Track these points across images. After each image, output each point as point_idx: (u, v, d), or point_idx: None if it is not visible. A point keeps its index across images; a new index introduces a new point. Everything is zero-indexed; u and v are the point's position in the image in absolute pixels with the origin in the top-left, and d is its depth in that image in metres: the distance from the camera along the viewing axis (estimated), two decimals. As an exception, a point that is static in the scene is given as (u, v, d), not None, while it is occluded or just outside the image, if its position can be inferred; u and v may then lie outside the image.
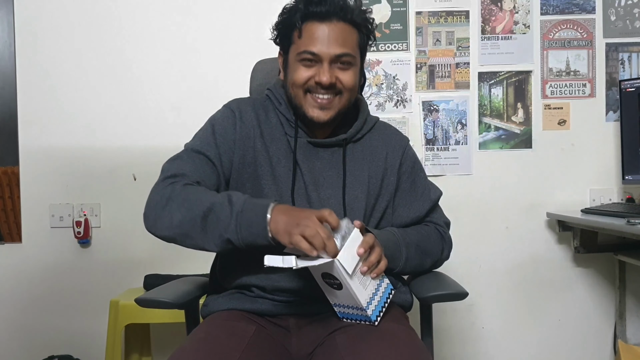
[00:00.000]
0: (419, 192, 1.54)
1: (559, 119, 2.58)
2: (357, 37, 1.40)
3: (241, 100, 1.52)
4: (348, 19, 1.38)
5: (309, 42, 1.37)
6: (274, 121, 1.47)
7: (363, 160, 1.48)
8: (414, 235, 1.47)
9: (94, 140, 2.53)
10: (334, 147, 1.47)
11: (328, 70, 1.37)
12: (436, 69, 2.57)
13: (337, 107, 1.41)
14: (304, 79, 1.39)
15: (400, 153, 1.53)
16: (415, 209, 1.53)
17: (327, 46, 1.36)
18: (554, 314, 2.61)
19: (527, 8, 2.56)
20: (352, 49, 1.39)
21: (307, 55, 1.37)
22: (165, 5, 2.54)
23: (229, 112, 1.47)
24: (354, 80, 1.41)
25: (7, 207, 2.57)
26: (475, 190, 2.58)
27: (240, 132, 1.43)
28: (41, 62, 2.53)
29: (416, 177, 1.55)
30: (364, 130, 1.51)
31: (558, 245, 2.60)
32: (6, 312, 2.55)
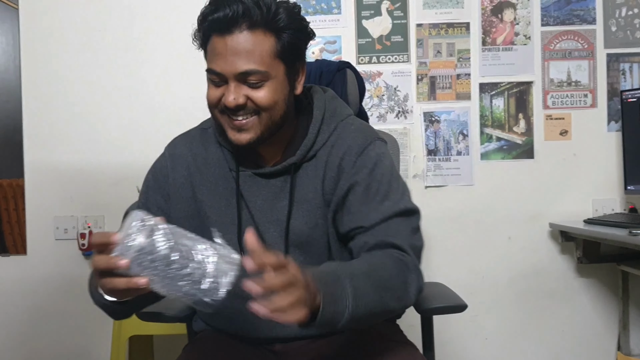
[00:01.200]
0: (370, 197, 1.22)
1: (561, 130, 2.59)
2: (272, 46, 1.16)
3: (178, 141, 1.38)
4: (256, 24, 1.15)
5: (212, 60, 1.19)
6: (216, 157, 1.31)
7: (317, 178, 1.26)
8: (360, 264, 1.13)
9: (98, 152, 2.55)
10: (285, 175, 1.27)
11: (234, 90, 1.16)
12: (437, 80, 2.58)
13: (257, 127, 1.19)
14: (214, 100, 1.20)
15: (355, 153, 1.25)
16: (358, 217, 1.21)
17: (229, 63, 1.15)
18: (557, 325, 2.60)
19: (527, 19, 2.58)
20: (262, 63, 1.15)
21: (212, 75, 1.19)
22: (170, 20, 2.57)
23: (163, 160, 1.36)
24: (269, 97, 1.17)
25: (12, 220, 2.59)
26: (477, 201, 2.58)
27: (174, 184, 1.32)
28: (46, 75, 2.56)
29: (372, 181, 1.23)
30: (317, 146, 1.27)
31: (561, 256, 2.60)
32: (11, 323, 2.56)
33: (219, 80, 1.18)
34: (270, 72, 1.17)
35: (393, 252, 1.16)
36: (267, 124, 1.20)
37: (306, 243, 1.26)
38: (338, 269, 1.06)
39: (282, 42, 1.18)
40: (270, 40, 1.17)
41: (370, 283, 1.06)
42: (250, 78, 1.16)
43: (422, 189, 2.56)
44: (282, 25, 1.17)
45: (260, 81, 1.17)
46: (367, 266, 1.10)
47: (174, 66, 2.57)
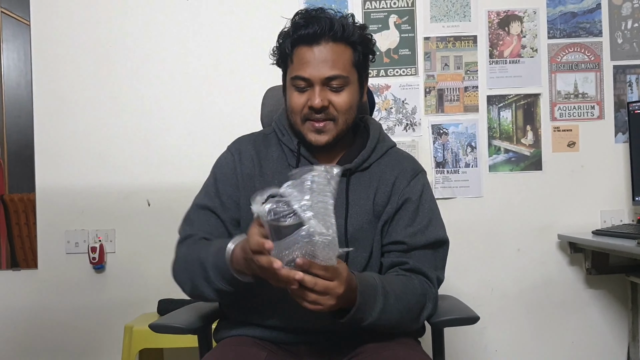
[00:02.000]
0: (417, 221, 1.41)
1: (569, 141, 2.60)
2: (350, 56, 1.37)
3: (242, 140, 1.53)
4: (339, 38, 1.35)
5: (299, 67, 1.35)
6: (276, 154, 1.47)
7: (369, 188, 1.43)
8: (397, 284, 1.32)
9: (109, 167, 2.57)
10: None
11: (319, 93, 1.34)
12: (445, 93, 2.60)
13: (333, 131, 1.38)
14: (299, 106, 1.38)
15: (409, 176, 1.45)
16: (404, 234, 1.40)
17: (317, 69, 1.34)
18: (567, 336, 2.60)
19: (534, 32, 2.60)
20: (344, 69, 1.36)
21: (298, 81, 1.36)
22: (178, 37, 2.60)
23: (229, 155, 1.49)
24: (348, 101, 1.37)
25: (23, 234, 2.61)
26: (486, 213, 2.59)
27: (242, 174, 1.45)
28: (57, 90, 2.59)
29: (421, 206, 1.43)
30: (372, 159, 1.46)
31: (570, 267, 2.60)
32: (22, 337, 2.57)
33: (305, 85, 1.36)
34: (350, 78, 1.37)
35: (423, 280, 1.37)
36: (341, 128, 1.39)
37: (350, 240, 1.39)
38: (379, 284, 1.26)
39: (357, 53, 1.38)
40: (349, 52, 1.37)
41: (397, 305, 1.28)
42: (334, 82, 1.35)
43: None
44: (357, 40, 1.38)
45: (341, 86, 1.36)
46: (401, 288, 1.31)
47: (184, 83, 2.59)
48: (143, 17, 2.60)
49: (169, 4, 2.60)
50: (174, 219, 1.56)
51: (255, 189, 1.39)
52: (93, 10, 2.59)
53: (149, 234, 2.56)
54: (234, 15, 2.60)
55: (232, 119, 2.54)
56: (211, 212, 1.44)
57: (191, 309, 1.58)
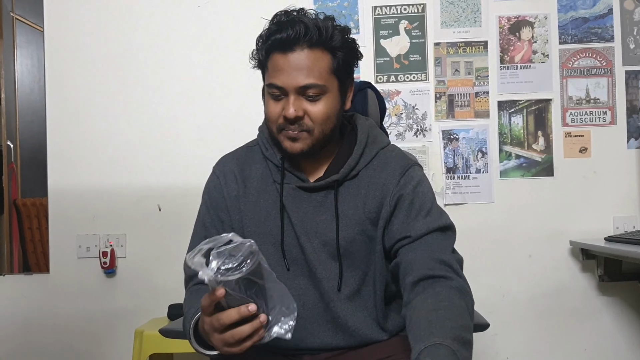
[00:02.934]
0: (414, 211, 1.32)
1: (580, 147, 2.58)
2: (329, 62, 1.28)
3: (226, 159, 1.45)
4: (315, 43, 1.25)
5: (273, 75, 1.28)
6: (261, 171, 1.40)
7: (358, 197, 1.35)
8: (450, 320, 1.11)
9: (120, 172, 2.59)
10: (327, 189, 1.35)
11: (293, 102, 1.26)
12: (455, 99, 2.59)
13: (307, 140, 1.30)
14: (275, 115, 1.30)
15: (398, 174, 1.35)
16: (404, 228, 1.31)
17: (291, 78, 1.26)
18: (579, 344, 2.58)
19: (545, 38, 2.59)
20: (321, 78, 1.26)
21: (273, 90, 1.28)
22: (190, 42, 2.62)
23: (215, 179, 1.42)
24: (325, 111, 1.28)
25: (35, 238, 2.63)
26: (497, 219, 2.57)
27: (229, 196, 1.39)
28: (70, 96, 2.61)
29: (416, 196, 1.34)
30: (360, 166, 1.37)
31: (582, 274, 2.58)
32: (34, 341, 2.59)
33: (280, 94, 1.28)
34: (327, 86, 1.28)
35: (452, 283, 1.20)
36: (317, 137, 1.30)
37: (343, 255, 1.33)
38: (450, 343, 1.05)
39: (337, 60, 1.29)
40: (327, 58, 1.28)
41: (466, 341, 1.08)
42: (310, 91, 1.27)
43: (441, 207, 2.55)
44: (337, 45, 1.28)
45: (318, 95, 1.27)
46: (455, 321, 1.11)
47: (196, 88, 2.61)
48: (155, 23, 2.62)
49: (180, 10, 2.62)
50: (184, 224, 1.57)
51: (240, 210, 1.37)
52: (105, 17, 2.62)
53: (159, 239, 2.57)
54: (244, 20, 2.61)
55: (242, 123, 2.55)
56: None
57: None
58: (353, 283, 1.34)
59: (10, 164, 2.71)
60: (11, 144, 2.72)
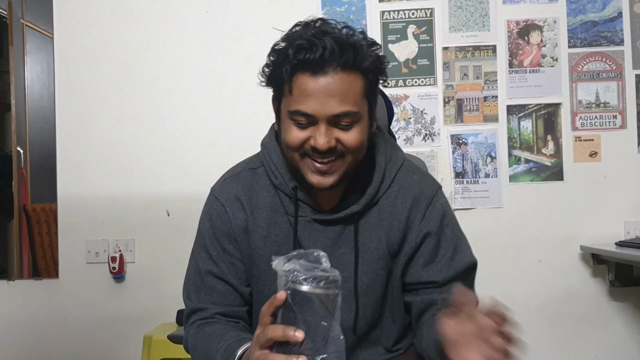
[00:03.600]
0: (440, 255, 1.23)
1: (590, 151, 2.57)
2: (361, 86, 1.12)
3: (229, 185, 1.28)
4: (350, 66, 1.10)
5: (300, 100, 1.10)
6: (269, 200, 1.25)
7: (380, 228, 1.23)
8: None
9: (129, 177, 2.60)
10: (344, 223, 1.23)
11: (325, 132, 1.11)
12: (464, 103, 2.58)
13: (340, 169, 1.15)
14: (297, 142, 1.13)
15: (424, 206, 1.24)
16: (431, 272, 1.22)
17: (323, 105, 1.09)
18: (591, 350, 2.55)
19: (554, 41, 2.58)
20: (355, 104, 1.11)
21: (299, 117, 1.12)
22: (198, 49, 2.62)
23: (220, 207, 1.26)
24: (359, 139, 1.14)
25: (45, 243, 2.64)
26: (506, 224, 2.56)
27: (236, 226, 1.25)
28: (79, 102, 2.62)
29: (442, 237, 1.24)
30: (381, 193, 1.24)
31: (593, 279, 2.56)
32: (43, 346, 2.60)
33: (307, 122, 1.12)
34: (361, 113, 1.14)
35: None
36: (349, 166, 1.17)
37: (364, 293, 1.23)
38: None
39: (368, 81, 1.14)
40: (360, 81, 1.12)
41: None
42: (343, 120, 1.12)
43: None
44: (371, 67, 1.13)
45: (351, 123, 1.13)
46: None
47: (205, 94, 2.62)
48: (163, 29, 2.63)
49: (189, 17, 2.63)
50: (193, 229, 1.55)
51: (249, 244, 1.25)
52: (115, 24, 2.63)
53: (168, 244, 2.57)
54: (251, 27, 2.61)
55: (251, 129, 2.54)
56: (217, 278, 1.25)
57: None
58: (369, 322, 1.26)
59: (20, 170, 2.72)
60: (21, 150, 2.73)
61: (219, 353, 1.11)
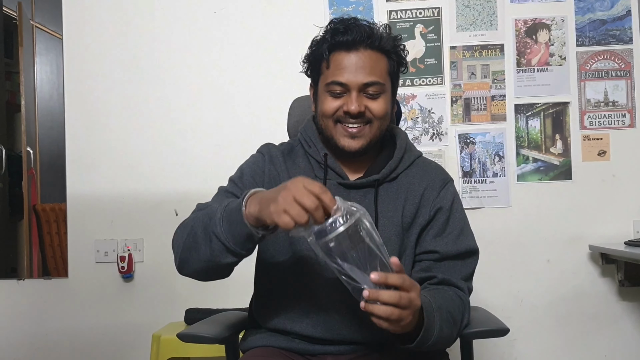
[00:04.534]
0: (447, 230, 1.40)
1: (599, 150, 2.56)
2: (386, 64, 1.36)
3: (271, 145, 1.50)
4: (376, 46, 1.34)
5: (336, 72, 1.34)
6: (303, 165, 1.44)
7: (397, 200, 1.40)
8: (441, 297, 1.29)
9: (138, 177, 2.61)
10: (367, 188, 1.40)
11: (356, 99, 1.33)
12: (472, 102, 2.58)
13: (368, 135, 1.37)
14: (332, 109, 1.36)
15: (438, 187, 1.43)
16: (437, 244, 1.38)
17: (355, 75, 1.33)
18: (600, 350, 2.54)
19: (562, 40, 2.57)
20: (381, 77, 1.35)
21: (334, 87, 1.35)
22: (206, 49, 2.63)
23: (259, 155, 1.47)
24: (384, 108, 1.37)
25: (54, 243, 2.66)
26: (514, 223, 2.55)
27: (269, 175, 1.42)
28: (88, 103, 2.64)
29: (452, 216, 1.41)
30: (400, 169, 1.43)
31: (602, 279, 2.54)
32: (52, 345, 2.61)
33: (341, 91, 1.35)
34: (386, 86, 1.37)
35: (459, 292, 1.36)
36: (375, 134, 1.38)
37: None
38: (431, 300, 1.21)
39: (391, 63, 1.38)
40: (384, 60, 1.37)
41: (450, 321, 1.25)
42: (371, 89, 1.35)
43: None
44: (392, 50, 1.38)
45: (378, 93, 1.35)
46: (449, 304, 1.28)
47: (212, 95, 2.62)
48: (172, 30, 2.64)
49: (197, 17, 2.64)
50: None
51: None
52: (123, 25, 2.64)
53: (176, 244, 2.58)
54: (260, 27, 2.62)
55: (258, 130, 2.56)
56: (234, 195, 1.36)
57: (218, 319, 1.59)
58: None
59: (29, 170, 2.75)
60: (31, 150, 2.76)
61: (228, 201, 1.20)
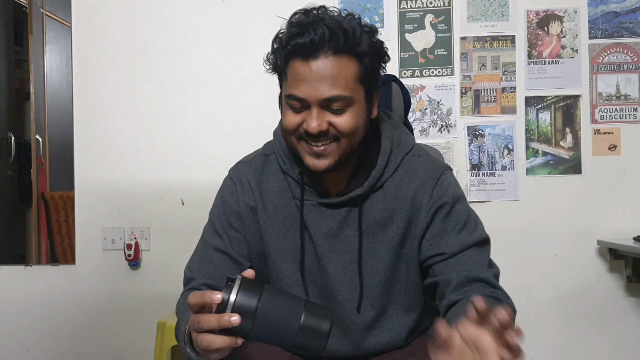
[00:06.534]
0: (449, 226, 1.25)
1: (610, 144, 2.53)
2: (355, 70, 1.16)
3: (242, 167, 1.35)
4: (341, 49, 1.13)
5: (293, 85, 1.15)
6: (278, 184, 1.30)
7: (385, 211, 1.26)
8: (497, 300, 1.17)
9: (145, 166, 2.61)
10: (349, 206, 1.26)
11: (317, 116, 1.15)
12: (481, 94, 2.55)
13: (335, 153, 1.18)
14: (293, 126, 1.18)
15: (430, 186, 1.26)
16: (439, 245, 1.24)
17: (314, 89, 1.13)
18: (606, 346, 2.52)
19: (574, 32, 2.53)
20: (347, 88, 1.14)
21: (293, 102, 1.16)
22: (215, 39, 2.62)
23: (232, 185, 1.33)
24: (351, 123, 1.16)
25: (62, 230, 2.67)
26: (522, 217, 2.53)
27: (244, 205, 1.31)
28: (96, 91, 2.64)
29: (451, 210, 1.26)
30: (386, 177, 1.27)
31: (609, 274, 2.52)
32: (59, 331, 2.64)
33: (300, 106, 1.17)
34: (354, 97, 1.17)
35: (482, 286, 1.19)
36: (345, 150, 1.19)
37: (368, 275, 1.27)
38: None
39: (364, 66, 1.17)
40: (353, 65, 1.16)
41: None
42: (334, 104, 1.15)
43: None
44: (365, 51, 1.16)
45: (343, 107, 1.16)
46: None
47: (220, 84, 2.62)
48: (180, 19, 2.63)
49: (205, 6, 2.63)
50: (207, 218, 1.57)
51: (257, 223, 1.30)
52: (131, 13, 2.64)
53: (182, 233, 2.58)
54: (269, 16, 2.60)
55: (266, 119, 2.53)
56: (218, 251, 1.30)
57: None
58: (375, 305, 1.28)
59: (38, 158, 2.76)
60: (40, 138, 2.77)
61: (183, 322, 1.13)
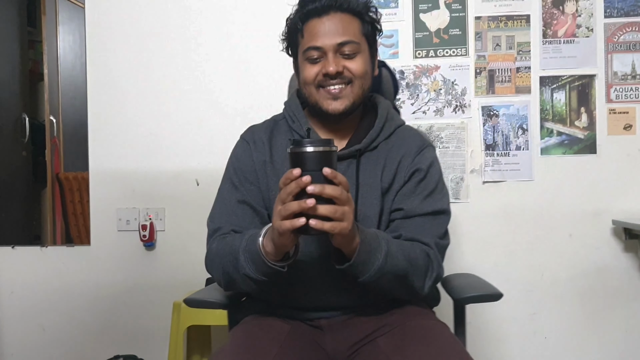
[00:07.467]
0: (417, 191, 1.44)
1: (625, 124, 2.51)
2: (359, 25, 1.43)
3: (255, 128, 1.56)
4: (346, 9, 1.41)
5: (310, 39, 1.41)
6: (285, 141, 1.49)
7: (376, 167, 1.46)
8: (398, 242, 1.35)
9: (159, 147, 2.62)
10: (350, 159, 1.46)
11: (333, 60, 1.39)
12: (496, 74, 2.54)
13: (350, 95, 1.42)
14: (312, 75, 1.42)
15: (414, 153, 1.47)
16: (404, 202, 1.43)
17: (329, 37, 1.39)
18: (620, 325, 2.53)
19: (590, 11, 2.51)
20: (355, 36, 1.41)
21: (311, 52, 1.41)
22: (233, 20, 2.62)
23: (245, 144, 1.53)
24: (362, 67, 1.42)
25: (77, 211, 2.69)
26: (537, 197, 2.53)
27: (257, 161, 1.48)
28: (110, 72, 2.64)
29: (425, 178, 1.46)
30: (380, 139, 1.49)
31: (624, 254, 2.52)
32: (75, 311, 2.66)
33: (317, 56, 1.41)
34: (361, 45, 1.43)
35: (423, 246, 1.38)
36: (357, 93, 1.43)
37: (362, 221, 1.38)
38: (378, 231, 1.32)
39: (365, 24, 1.44)
40: (357, 21, 1.44)
41: (401, 253, 1.30)
42: (346, 48, 1.40)
43: (479, 184, 2.53)
44: (364, 12, 1.44)
45: (354, 52, 1.41)
46: (406, 246, 1.34)
47: (235, 65, 2.61)
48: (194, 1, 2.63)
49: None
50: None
51: (266, 175, 1.47)
52: (145, -7, 2.63)
53: (197, 213, 2.57)
54: None
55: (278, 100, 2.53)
56: (239, 202, 1.47)
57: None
58: None
59: (53, 139, 2.77)
60: (54, 119, 2.78)
61: (244, 240, 1.29)
